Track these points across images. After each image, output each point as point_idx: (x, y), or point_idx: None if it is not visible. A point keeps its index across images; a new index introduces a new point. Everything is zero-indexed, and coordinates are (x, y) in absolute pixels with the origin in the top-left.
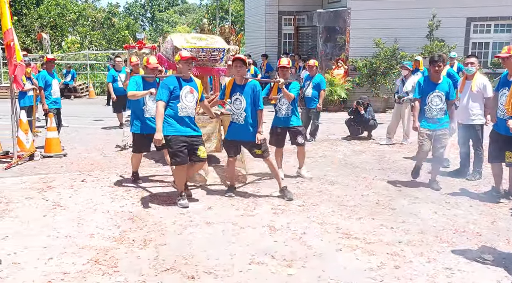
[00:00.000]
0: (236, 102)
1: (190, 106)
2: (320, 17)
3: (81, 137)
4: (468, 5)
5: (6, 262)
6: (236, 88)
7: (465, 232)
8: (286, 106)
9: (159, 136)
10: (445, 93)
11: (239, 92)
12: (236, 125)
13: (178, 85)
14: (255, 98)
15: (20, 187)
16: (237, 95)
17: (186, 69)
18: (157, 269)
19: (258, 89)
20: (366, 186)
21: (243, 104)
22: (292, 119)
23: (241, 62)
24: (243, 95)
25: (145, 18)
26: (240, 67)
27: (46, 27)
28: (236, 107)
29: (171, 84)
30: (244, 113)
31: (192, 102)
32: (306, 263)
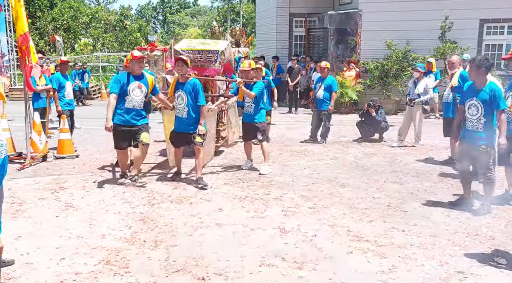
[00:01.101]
0: (178, 98)
1: (137, 99)
2: (331, 19)
3: (93, 139)
4: (481, 6)
5: (19, 262)
6: (179, 85)
7: (478, 236)
8: (249, 104)
9: (109, 124)
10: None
11: (181, 89)
12: (179, 118)
13: (127, 81)
14: (195, 94)
15: (33, 187)
16: (179, 92)
17: (137, 67)
18: (168, 270)
19: (198, 86)
20: (378, 188)
21: (185, 100)
22: (254, 116)
23: (181, 62)
24: (184, 92)
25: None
26: (181, 66)
27: (60, 29)
28: (179, 103)
29: (122, 79)
30: (186, 108)
31: (140, 96)
32: (317, 266)
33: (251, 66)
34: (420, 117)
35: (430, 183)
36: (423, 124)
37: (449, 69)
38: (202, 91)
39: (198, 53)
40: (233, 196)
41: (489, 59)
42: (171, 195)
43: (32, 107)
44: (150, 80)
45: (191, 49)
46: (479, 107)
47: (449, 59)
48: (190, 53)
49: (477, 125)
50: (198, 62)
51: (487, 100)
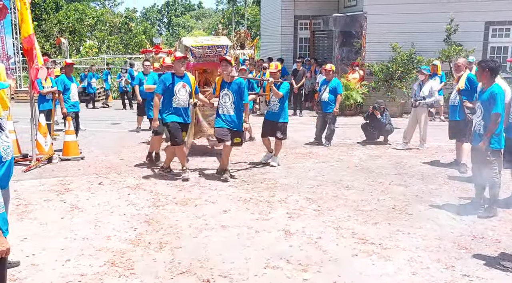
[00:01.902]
0: (224, 97)
1: (183, 98)
2: (336, 21)
3: (98, 141)
4: (486, 9)
5: (25, 263)
6: (225, 84)
7: (483, 239)
8: (275, 103)
9: (156, 123)
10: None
11: (227, 88)
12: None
13: (173, 81)
14: (241, 93)
15: (39, 189)
16: (225, 91)
17: (179, 67)
18: (172, 272)
19: (243, 85)
20: (383, 191)
21: (231, 99)
22: (278, 115)
23: (225, 61)
24: (230, 90)
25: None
26: (225, 66)
27: (65, 32)
28: (225, 101)
29: (167, 81)
30: (233, 106)
31: (185, 95)
32: (322, 268)
33: (278, 67)
34: (425, 119)
35: (435, 185)
36: (428, 127)
37: (455, 71)
38: (246, 90)
39: (208, 48)
40: (238, 198)
41: (496, 61)
42: (176, 197)
43: (38, 109)
44: (192, 79)
45: (201, 45)
46: (481, 109)
47: (456, 61)
48: (200, 48)
49: (479, 127)
50: (207, 57)
51: (486, 102)
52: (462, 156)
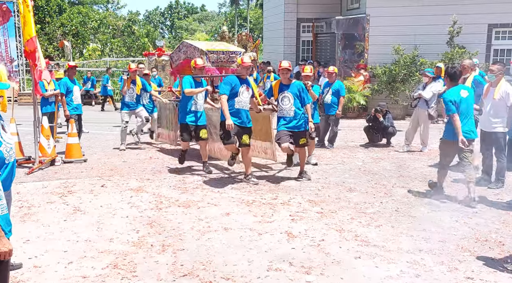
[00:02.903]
0: (284, 100)
1: (245, 100)
2: (339, 24)
3: (100, 143)
4: (489, 11)
5: (27, 265)
6: (283, 87)
7: (487, 241)
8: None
9: (230, 121)
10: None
11: (286, 90)
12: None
13: (238, 83)
14: (300, 95)
15: (42, 191)
16: (284, 93)
17: (245, 71)
18: (175, 274)
19: (303, 87)
20: (385, 193)
21: (291, 101)
22: (315, 117)
23: (286, 70)
24: (290, 92)
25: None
26: (286, 73)
27: (68, 35)
28: (285, 104)
29: (232, 82)
30: (293, 108)
31: (247, 97)
32: (325, 271)
33: (312, 71)
34: (426, 122)
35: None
36: (430, 129)
37: (462, 73)
38: (307, 91)
39: (222, 53)
40: (241, 200)
41: (454, 68)
42: (179, 199)
43: (41, 111)
44: (252, 83)
45: (216, 49)
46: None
47: (462, 63)
48: (214, 53)
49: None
50: (219, 62)
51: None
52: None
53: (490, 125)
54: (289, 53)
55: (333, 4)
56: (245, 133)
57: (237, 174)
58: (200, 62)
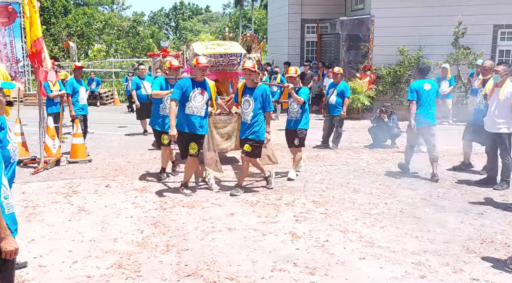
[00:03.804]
0: (245, 103)
1: (199, 106)
2: (343, 25)
3: (105, 143)
4: (495, 12)
5: (32, 265)
6: (247, 90)
7: (492, 243)
8: (296, 110)
9: (173, 132)
10: None
11: (249, 94)
12: (244, 124)
13: (191, 87)
14: (264, 100)
15: (47, 191)
16: (246, 97)
17: (199, 74)
18: (179, 274)
19: (268, 92)
20: (390, 194)
21: (252, 106)
22: (300, 122)
23: (249, 70)
24: (252, 97)
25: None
26: (249, 74)
27: (73, 35)
28: (245, 108)
29: (184, 86)
30: (251, 113)
31: (202, 102)
32: (329, 271)
33: (297, 72)
34: None
35: (443, 189)
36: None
37: (482, 74)
38: (270, 97)
39: (221, 56)
40: (245, 201)
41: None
42: (183, 200)
43: (46, 112)
44: (212, 86)
45: (214, 53)
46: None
47: (483, 64)
48: (212, 57)
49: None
50: (220, 66)
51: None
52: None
53: (495, 126)
54: (293, 54)
55: (338, 5)
56: (193, 140)
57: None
58: (175, 63)
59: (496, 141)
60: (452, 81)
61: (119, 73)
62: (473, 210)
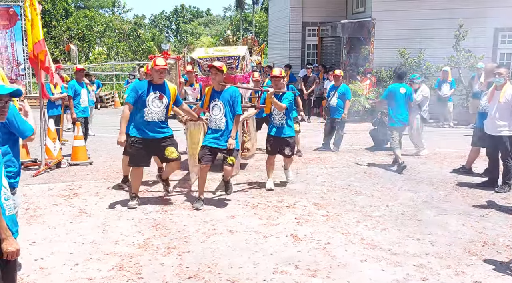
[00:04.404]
0: (214, 109)
1: (157, 111)
2: (344, 27)
3: (106, 146)
4: (495, 15)
5: (33, 267)
6: (215, 94)
7: (494, 245)
8: (279, 116)
9: (122, 138)
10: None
11: (217, 98)
12: (215, 131)
13: (147, 90)
14: (233, 103)
15: (48, 194)
16: (215, 101)
17: (156, 76)
18: (180, 276)
19: (237, 94)
20: (391, 196)
21: (222, 110)
22: (285, 130)
23: (215, 69)
24: (221, 101)
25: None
26: (215, 74)
27: (74, 38)
28: (215, 113)
29: (140, 89)
30: (224, 119)
31: (161, 107)
32: (331, 274)
33: (282, 73)
34: (417, 125)
35: (444, 191)
36: (435, 133)
37: (486, 77)
38: (240, 100)
39: (218, 59)
40: (246, 203)
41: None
42: (184, 202)
43: (47, 114)
44: (172, 90)
45: (210, 56)
46: None
47: (485, 66)
48: (208, 60)
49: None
50: None
51: None
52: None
53: (496, 129)
54: (294, 56)
55: (339, 8)
56: (163, 146)
57: (242, 177)
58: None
59: (497, 144)
60: (453, 84)
61: (120, 75)
62: (474, 213)
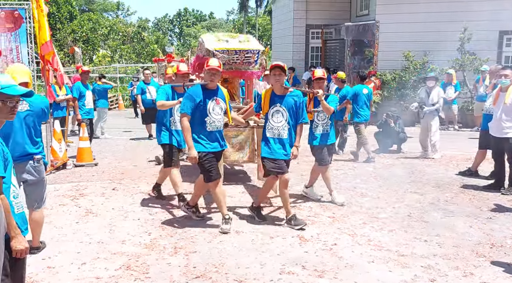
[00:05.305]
0: (276, 115)
1: (218, 119)
2: (348, 30)
3: (111, 148)
4: (500, 18)
5: (41, 266)
6: (275, 99)
7: (502, 247)
8: (324, 122)
9: (193, 153)
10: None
11: (279, 103)
12: (276, 140)
13: (203, 97)
14: (297, 109)
15: (54, 194)
16: (277, 107)
17: (209, 79)
18: (187, 276)
19: (302, 100)
20: (397, 198)
21: (285, 117)
22: (330, 136)
23: (279, 69)
24: (284, 106)
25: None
26: (279, 75)
27: (79, 41)
28: (277, 121)
29: (197, 96)
30: (287, 126)
31: (220, 114)
32: (338, 274)
33: (325, 75)
34: (437, 126)
35: (451, 194)
36: (441, 135)
37: (491, 79)
38: (305, 106)
39: (236, 53)
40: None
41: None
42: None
43: (52, 116)
44: (226, 94)
45: (227, 48)
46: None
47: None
48: (225, 53)
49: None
50: (233, 64)
51: None
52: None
53: (502, 131)
54: (298, 59)
55: (343, 11)
56: (219, 159)
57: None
58: (183, 68)
59: (503, 146)
60: (458, 86)
61: (124, 78)
62: (481, 215)
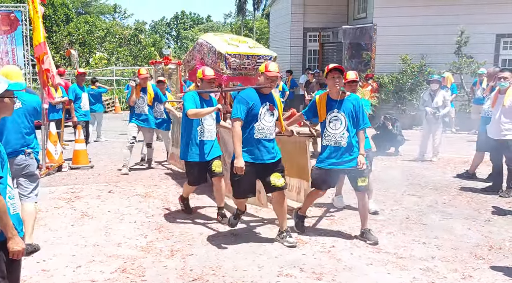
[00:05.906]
0: (333, 121)
1: (269, 126)
2: (346, 33)
3: (107, 150)
4: (497, 21)
5: (36, 269)
6: (333, 103)
7: (501, 249)
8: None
9: (241, 163)
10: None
11: (337, 109)
12: (334, 149)
13: (258, 101)
14: (357, 115)
15: (49, 197)
16: (334, 113)
17: (269, 84)
18: (184, 279)
19: (361, 104)
20: (395, 201)
21: (344, 124)
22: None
23: (339, 72)
24: (342, 112)
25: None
26: (338, 78)
27: (75, 44)
28: (335, 128)
29: (250, 99)
30: (347, 134)
31: (272, 121)
32: (336, 277)
33: (357, 77)
34: (441, 130)
35: (449, 196)
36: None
37: (488, 81)
38: (365, 110)
39: (247, 58)
40: (249, 206)
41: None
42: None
43: (48, 118)
44: (278, 100)
45: (240, 53)
46: None
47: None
48: (237, 57)
49: None
50: (243, 70)
51: None
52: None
53: (500, 133)
54: (296, 62)
55: (340, 14)
56: (271, 171)
57: None
58: (209, 73)
59: (502, 148)
60: (455, 89)
61: (121, 81)
62: (480, 217)
